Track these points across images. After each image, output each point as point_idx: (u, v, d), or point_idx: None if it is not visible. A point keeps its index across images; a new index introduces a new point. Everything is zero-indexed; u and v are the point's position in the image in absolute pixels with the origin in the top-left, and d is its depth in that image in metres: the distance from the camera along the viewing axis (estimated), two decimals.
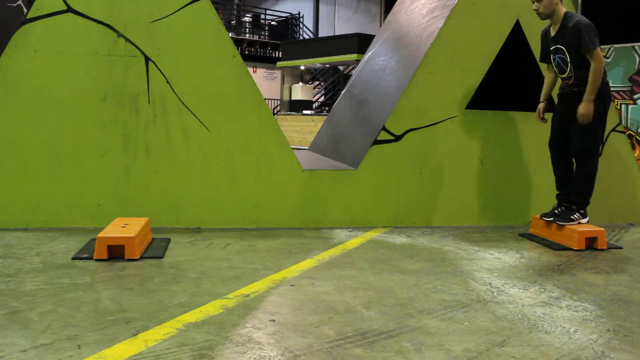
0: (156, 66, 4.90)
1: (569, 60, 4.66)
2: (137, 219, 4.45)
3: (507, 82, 6.25)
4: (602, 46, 11.02)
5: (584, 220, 4.78)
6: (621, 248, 4.70)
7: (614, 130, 5.78)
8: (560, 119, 4.90)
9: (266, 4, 27.42)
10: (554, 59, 4.83)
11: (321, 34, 24.34)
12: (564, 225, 4.73)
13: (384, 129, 5.28)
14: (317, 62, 17.69)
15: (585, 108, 4.56)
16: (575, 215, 4.76)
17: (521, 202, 5.61)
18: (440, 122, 5.40)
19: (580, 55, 4.58)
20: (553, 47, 4.78)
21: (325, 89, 20.36)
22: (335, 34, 22.08)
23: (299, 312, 2.96)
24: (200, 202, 5.00)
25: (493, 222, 5.57)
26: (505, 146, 5.56)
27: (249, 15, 25.31)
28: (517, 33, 5.55)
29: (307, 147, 8.11)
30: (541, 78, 5.64)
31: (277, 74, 21.69)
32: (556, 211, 4.88)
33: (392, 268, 3.88)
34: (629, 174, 5.83)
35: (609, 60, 10.11)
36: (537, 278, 3.74)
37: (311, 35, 24.46)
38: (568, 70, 4.72)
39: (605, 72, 4.69)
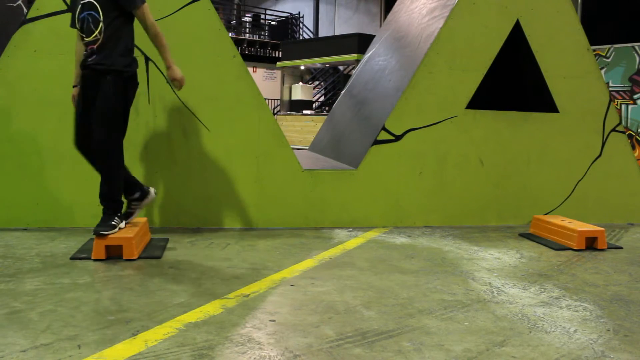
0: (156, 66, 4.90)
1: (101, 17, 3.80)
2: (135, 219, 4.44)
3: (507, 82, 6.25)
4: (602, 46, 10.97)
5: (123, 225, 4.08)
6: (621, 248, 4.70)
7: (614, 130, 5.78)
8: (82, 105, 3.96)
9: (266, 4, 27.42)
10: (82, 19, 3.87)
11: (321, 34, 24.35)
12: (105, 234, 3.84)
13: (384, 129, 5.28)
14: (317, 62, 17.71)
15: (174, 72, 3.98)
16: (114, 220, 3.97)
17: (521, 202, 5.61)
18: (440, 122, 5.40)
19: (119, 10, 3.80)
20: (83, 1, 3.84)
21: (325, 89, 20.36)
22: (335, 34, 22.10)
23: (299, 312, 2.96)
24: (200, 202, 5.01)
25: (493, 222, 5.57)
26: (505, 146, 5.56)
27: (249, 15, 25.34)
28: (517, 33, 5.55)
29: (307, 147, 8.12)
30: (541, 78, 5.65)
31: (277, 74, 21.71)
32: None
33: (392, 268, 3.88)
34: (629, 174, 5.83)
35: (609, 60, 10.11)
36: (537, 278, 3.74)
37: (311, 35, 24.47)
38: (97, 32, 3.80)
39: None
